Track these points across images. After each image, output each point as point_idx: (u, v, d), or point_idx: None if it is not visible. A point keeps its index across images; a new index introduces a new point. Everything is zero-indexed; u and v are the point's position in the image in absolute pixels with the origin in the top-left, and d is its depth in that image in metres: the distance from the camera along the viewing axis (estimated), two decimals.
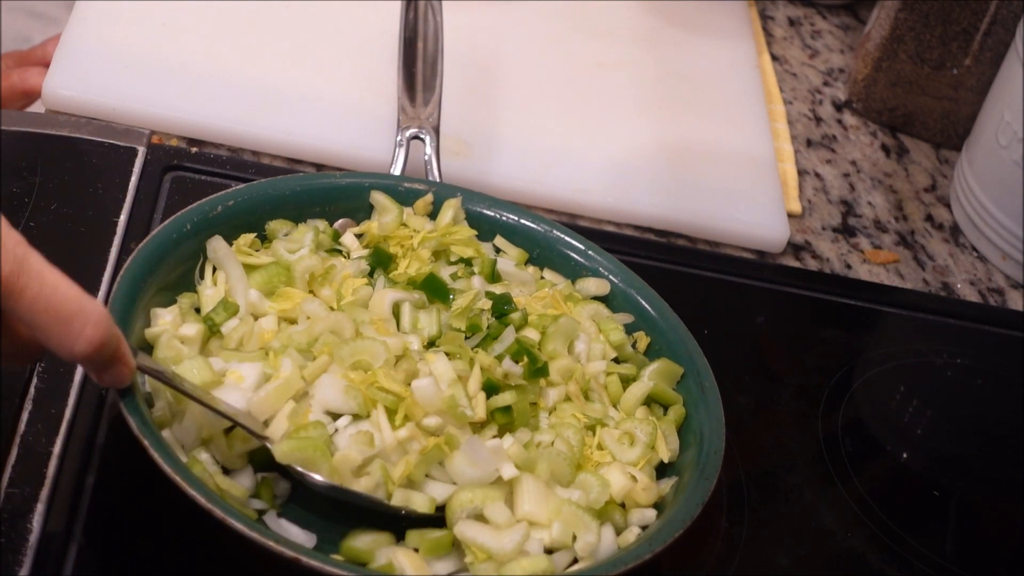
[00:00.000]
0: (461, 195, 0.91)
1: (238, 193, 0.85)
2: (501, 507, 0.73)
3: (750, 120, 1.19)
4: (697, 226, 1.07)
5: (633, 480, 0.77)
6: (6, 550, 0.70)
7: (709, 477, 0.77)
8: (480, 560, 0.72)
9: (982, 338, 1.06)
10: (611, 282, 0.90)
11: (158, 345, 0.77)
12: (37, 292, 0.62)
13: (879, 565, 0.86)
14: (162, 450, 0.69)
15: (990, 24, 1.17)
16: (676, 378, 0.85)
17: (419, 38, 1.03)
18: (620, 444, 0.80)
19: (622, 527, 0.77)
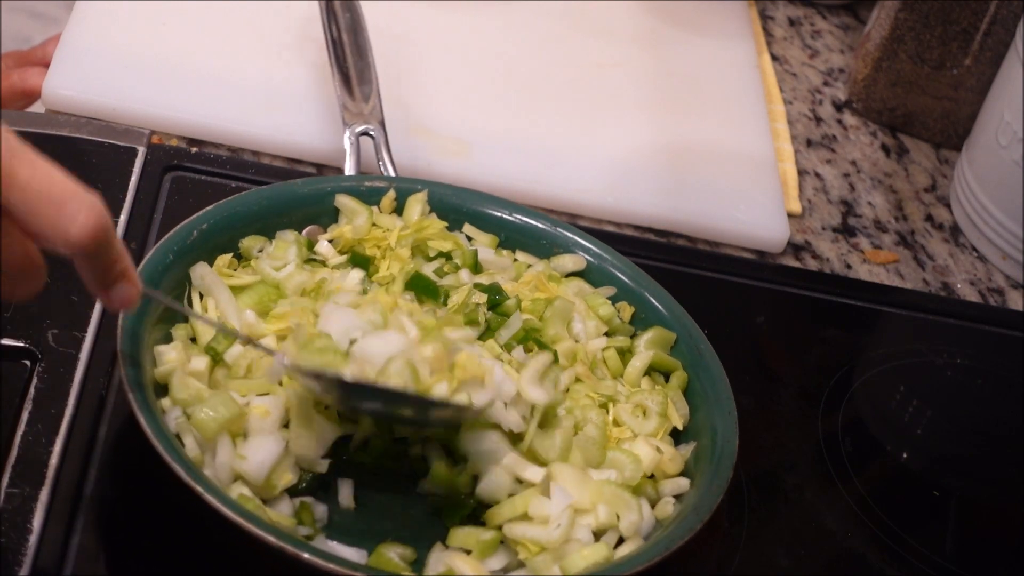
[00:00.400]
0: (424, 187, 0.91)
1: (208, 215, 0.84)
2: (543, 502, 0.74)
3: (750, 120, 1.19)
4: (697, 226, 1.07)
5: (659, 452, 0.79)
6: (6, 550, 0.70)
7: (730, 439, 0.80)
8: (534, 554, 0.72)
9: (982, 338, 1.06)
10: (586, 257, 0.91)
11: (172, 387, 0.75)
12: (30, 175, 0.62)
13: (879, 565, 0.86)
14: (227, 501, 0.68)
15: (990, 24, 1.17)
16: (670, 344, 0.86)
17: (342, 32, 1.02)
18: (635, 417, 0.81)
19: (655, 499, 0.78)
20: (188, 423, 0.74)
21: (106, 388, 0.79)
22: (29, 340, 0.80)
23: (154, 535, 0.74)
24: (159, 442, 0.69)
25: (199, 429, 0.73)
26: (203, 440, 0.73)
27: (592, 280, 0.90)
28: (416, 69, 1.12)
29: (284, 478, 0.73)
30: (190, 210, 0.92)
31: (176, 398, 0.75)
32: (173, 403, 0.75)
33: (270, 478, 0.73)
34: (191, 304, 0.81)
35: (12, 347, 0.80)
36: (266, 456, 0.73)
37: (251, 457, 0.73)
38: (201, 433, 0.73)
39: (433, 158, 1.04)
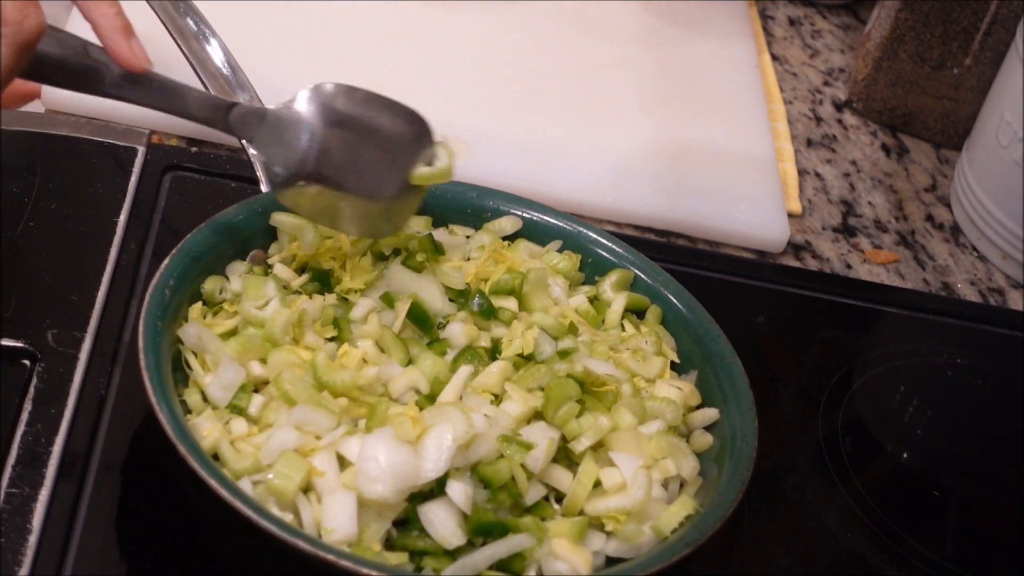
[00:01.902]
0: None
1: (169, 271, 0.78)
2: (611, 472, 0.75)
3: (750, 120, 1.19)
4: (697, 226, 1.07)
5: (680, 389, 0.81)
6: (6, 550, 0.70)
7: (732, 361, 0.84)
8: (623, 523, 0.73)
9: (982, 338, 1.06)
10: (521, 215, 0.91)
11: (226, 459, 0.72)
12: None
13: (879, 565, 0.86)
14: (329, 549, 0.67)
15: (990, 24, 1.17)
16: (630, 281, 0.88)
17: (190, 38, 0.95)
18: (638, 362, 0.82)
19: (686, 434, 0.80)
20: (267, 491, 0.71)
21: (106, 388, 0.79)
22: (29, 340, 0.80)
23: (154, 535, 0.74)
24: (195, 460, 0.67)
25: (278, 495, 0.71)
26: (284, 505, 0.71)
27: (531, 237, 0.91)
28: (416, 69, 1.12)
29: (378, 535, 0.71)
30: (190, 210, 0.93)
31: (235, 469, 0.72)
32: (235, 476, 0.72)
33: (363, 534, 0.71)
34: (189, 365, 0.77)
35: (12, 347, 0.80)
36: (345, 513, 0.71)
37: (334, 524, 0.70)
38: (281, 499, 0.71)
39: None
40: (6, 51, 0.71)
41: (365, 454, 0.71)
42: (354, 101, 0.82)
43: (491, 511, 0.72)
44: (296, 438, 0.73)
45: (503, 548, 0.71)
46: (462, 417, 0.73)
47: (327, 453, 0.72)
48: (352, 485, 0.71)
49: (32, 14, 0.71)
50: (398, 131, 0.82)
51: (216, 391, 0.75)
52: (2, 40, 0.70)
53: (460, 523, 0.71)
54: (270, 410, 0.75)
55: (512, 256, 0.87)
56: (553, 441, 0.74)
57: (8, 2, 0.70)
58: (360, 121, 0.82)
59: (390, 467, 0.70)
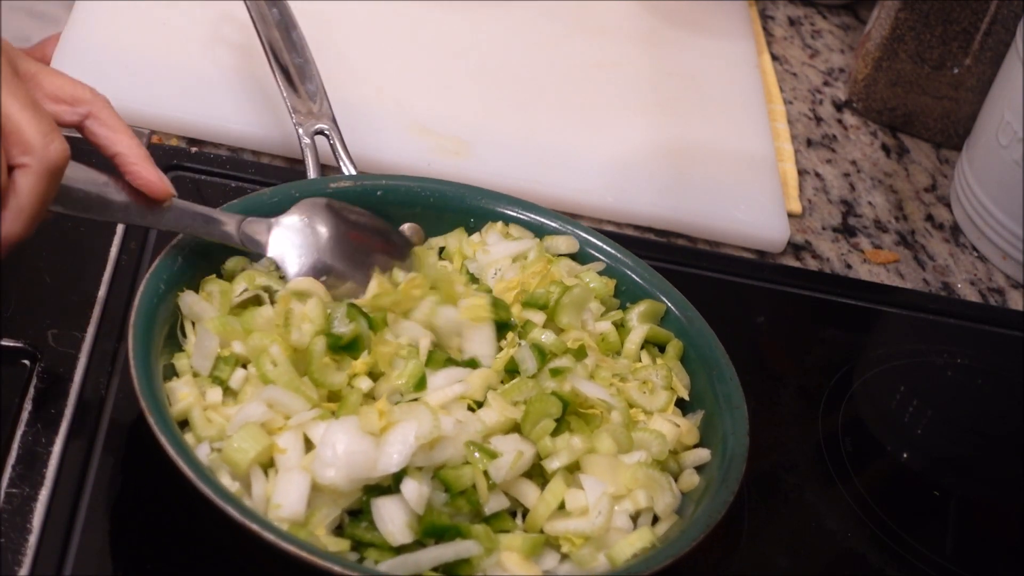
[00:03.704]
0: (385, 181, 0.91)
1: (187, 240, 0.80)
2: (576, 494, 0.74)
3: (750, 120, 1.19)
4: (697, 226, 1.07)
5: (676, 426, 0.80)
6: (6, 550, 0.70)
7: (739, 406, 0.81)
8: (578, 546, 0.72)
9: (982, 338, 1.06)
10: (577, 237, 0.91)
11: (194, 424, 0.74)
12: None
13: (879, 565, 0.86)
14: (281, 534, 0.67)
15: (990, 24, 1.17)
16: (660, 315, 0.87)
17: (274, 29, 0.99)
18: (643, 394, 0.82)
19: (677, 472, 0.79)
20: (220, 459, 0.72)
21: (106, 388, 0.79)
22: (29, 340, 0.80)
23: (154, 535, 0.74)
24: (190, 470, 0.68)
25: (233, 465, 0.71)
26: (237, 475, 0.72)
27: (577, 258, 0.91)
28: (416, 69, 1.12)
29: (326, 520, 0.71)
30: None
31: (201, 435, 0.73)
32: (198, 440, 0.73)
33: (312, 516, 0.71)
34: (184, 333, 0.79)
35: (12, 347, 0.80)
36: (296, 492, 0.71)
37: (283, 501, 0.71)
38: (235, 469, 0.71)
39: (433, 158, 1.04)
40: (35, 181, 0.69)
41: (325, 439, 0.72)
42: (344, 212, 0.87)
43: (446, 514, 0.71)
44: (263, 413, 0.73)
45: (449, 552, 0.71)
46: (429, 416, 0.73)
47: (294, 433, 0.73)
48: (310, 468, 0.71)
49: (56, 140, 0.69)
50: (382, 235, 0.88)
51: (197, 360, 0.77)
52: (30, 169, 0.68)
53: (410, 522, 0.71)
54: (250, 385, 0.76)
55: (556, 273, 0.87)
56: (521, 454, 0.73)
57: (31, 128, 0.68)
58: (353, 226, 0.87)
59: (346, 455, 0.71)
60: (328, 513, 0.71)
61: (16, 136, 0.68)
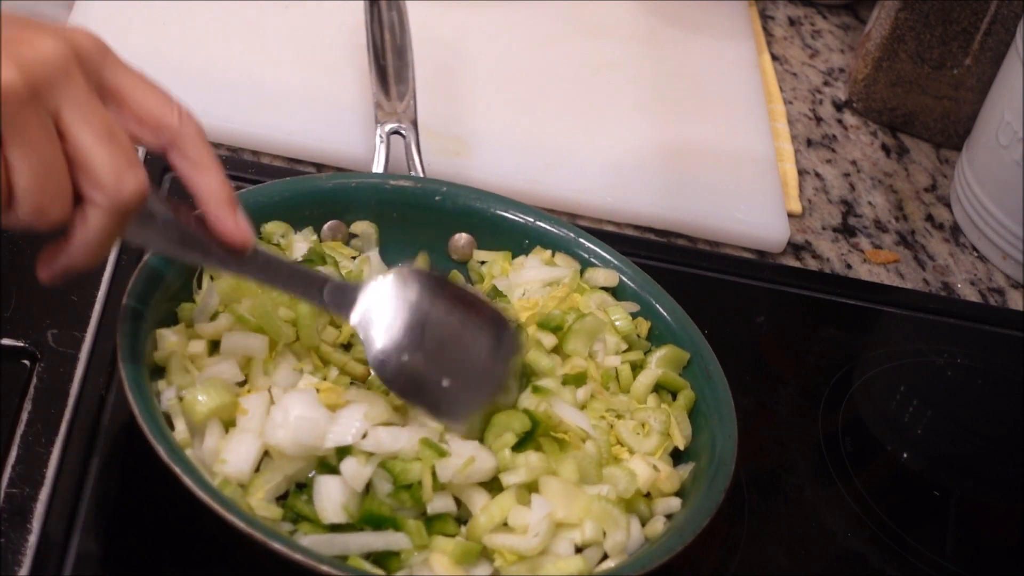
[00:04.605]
0: (446, 188, 0.91)
1: None
2: (523, 511, 0.73)
3: (750, 120, 1.19)
4: (697, 226, 1.07)
5: (656, 470, 0.78)
6: (6, 550, 0.70)
7: (727, 462, 0.78)
8: (510, 562, 0.72)
9: (982, 338, 1.06)
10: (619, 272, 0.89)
11: (170, 371, 0.75)
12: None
13: (879, 565, 0.86)
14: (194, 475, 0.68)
15: (990, 24, 1.17)
16: (682, 364, 0.85)
17: (384, 30, 1.02)
18: (635, 435, 0.80)
19: (647, 517, 0.77)
20: (179, 405, 0.74)
21: (106, 388, 0.79)
22: (29, 340, 0.80)
23: (154, 535, 0.74)
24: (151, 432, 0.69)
25: (188, 414, 0.73)
26: (193, 424, 0.73)
27: (615, 294, 0.89)
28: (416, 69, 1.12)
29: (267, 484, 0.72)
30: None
31: (171, 381, 0.75)
32: (168, 385, 0.75)
33: (256, 479, 0.72)
34: (200, 284, 0.81)
35: (12, 347, 0.80)
36: (245, 451, 0.72)
37: (230, 458, 0.72)
38: (190, 417, 0.73)
39: (433, 158, 1.03)
40: (103, 219, 0.63)
41: (282, 404, 0.73)
42: (444, 292, 0.78)
43: (388, 506, 0.72)
44: (235, 374, 0.75)
45: (378, 541, 0.71)
46: (383, 403, 0.74)
47: (261, 397, 0.74)
48: (262, 430, 0.73)
49: (131, 178, 0.63)
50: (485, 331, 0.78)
51: (197, 312, 0.78)
52: (99, 208, 0.63)
53: (348, 504, 0.71)
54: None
55: (576, 299, 0.86)
56: (473, 459, 0.73)
57: (104, 165, 0.62)
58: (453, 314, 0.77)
59: (297, 421, 0.72)
60: (271, 478, 0.72)
61: (87, 171, 0.62)
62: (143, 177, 0.64)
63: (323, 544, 0.70)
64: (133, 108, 0.66)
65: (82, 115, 0.62)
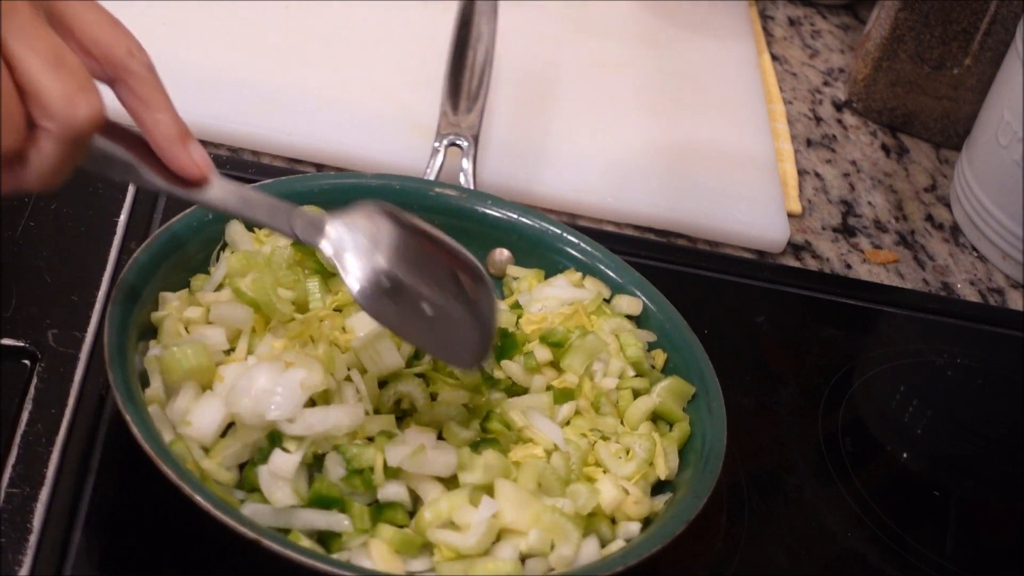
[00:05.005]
0: (491, 201, 0.91)
1: (265, 187, 0.85)
2: (469, 510, 0.72)
3: (750, 120, 1.19)
4: (697, 226, 1.07)
5: (625, 493, 0.76)
6: (6, 550, 0.70)
7: (699, 496, 0.75)
8: (447, 558, 0.71)
9: (982, 338, 1.06)
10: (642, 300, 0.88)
11: (161, 330, 0.77)
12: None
13: (879, 565, 0.86)
14: (143, 425, 0.69)
15: (990, 24, 1.17)
16: (687, 398, 0.83)
17: (470, 46, 1.03)
18: (617, 458, 0.78)
19: (609, 539, 0.76)
20: (157, 361, 0.75)
21: (106, 388, 0.79)
22: (29, 340, 0.80)
23: (154, 535, 0.74)
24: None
25: (165, 371, 0.74)
26: (168, 383, 0.74)
27: (638, 321, 0.88)
28: (416, 69, 1.12)
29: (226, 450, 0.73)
30: None
31: (160, 340, 0.76)
32: (157, 343, 0.76)
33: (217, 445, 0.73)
34: (218, 258, 0.82)
35: (12, 347, 0.80)
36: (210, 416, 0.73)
37: (195, 420, 0.73)
38: (166, 375, 0.74)
39: None
40: (56, 147, 0.61)
41: (251, 373, 0.73)
42: (412, 222, 0.76)
43: (338, 489, 0.72)
44: (221, 341, 0.76)
45: (320, 520, 0.71)
46: (320, 371, 0.73)
47: (240, 366, 0.75)
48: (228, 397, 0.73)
49: (82, 104, 0.61)
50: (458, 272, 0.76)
51: (207, 284, 0.80)
52: (51, 134, 0.61)
53: (294, 481, 0.72)
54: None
55: (592, 321, 0.85)
56: (423, 447, 0.73)
57: (53, 91, 0.60)
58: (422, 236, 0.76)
59: (258, 392, 0.72)
60: (232, 445, 0.73)
61: (37, 99, 0.60)
62: (96, 102, 0.62)
63: (267, 515, 0.71)
64: (80, 37, 0.64)
65: (27, 42, 0.60)
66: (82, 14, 0.64)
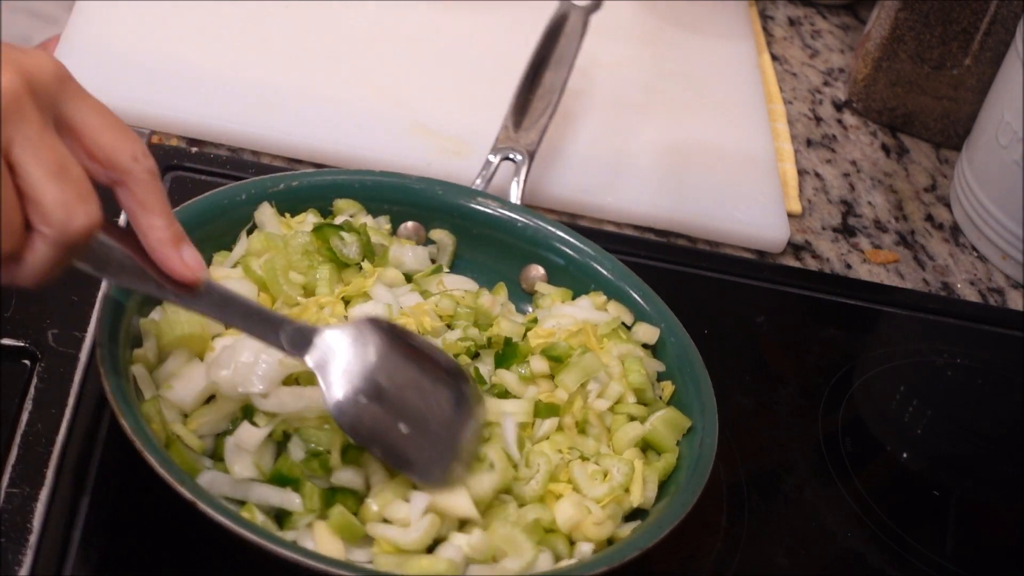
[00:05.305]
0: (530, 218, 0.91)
1: (304, 176, 0.88)
2: (403, 507, 0.73)
3: (750, 120, 1.19)
4: (697, 226, 1.07)
5: (587, 513, 0.75)
6: (6, 550, 0.70)
7: (662, 527, 0.74)
8: (384, 551, 0.71)
9: (982, 338, 1.06)
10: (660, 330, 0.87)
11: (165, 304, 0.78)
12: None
13: (879, 565, 0.86)
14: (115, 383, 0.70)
15: (990, 24, 1.17)
16: (682, 431, 0.81)
17: (549, 67, 1.03)
18: (592, 479, 0.77)
19: (564, 557, 0.74)
20: (151, 324, 0.76)
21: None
22: (29, 340, 0.80)
23: (154, 535, 0.74)
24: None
25: (158, 335, 0.75)
26: (160, 347, 0.75)
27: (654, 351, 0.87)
28: (416, 69, 1.12)
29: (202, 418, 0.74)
30: None
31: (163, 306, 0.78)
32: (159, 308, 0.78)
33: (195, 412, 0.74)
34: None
35: (12, 347, 0.80)
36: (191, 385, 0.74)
37: (177, 385, 0.74)
38: (159, 339, 0.75)
39: (433, 158, 1.04)
40: (50, 251, 0.62)
41: (237, 345, 0.74)
42: (402, 342, 0.76)
43: (298, 468, 0.72)
44: None
45: (275, 496, 0.72)
46: None
47: (233, 339, 0.76)
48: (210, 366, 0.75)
49: (79, 213, 0.62)
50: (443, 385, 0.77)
51: (227, 260, 0.83)
52: (46, 239, 0.62)
53: (257, 455, 0.72)
54: None
55: (600, 343, 0.84)
56: None
57: (52, 199, 0.61)
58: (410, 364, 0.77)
59: (238, 365, 0.73)
60: (207, 413, 0.74)
61: (36, 206, 0.61)
62: (94, 212, 0.63)
63: (224, 485, 0.72)
64: (86, 142, 0.66)
65: (33, 150, 0.61)
66: (89, 119, 0.66)
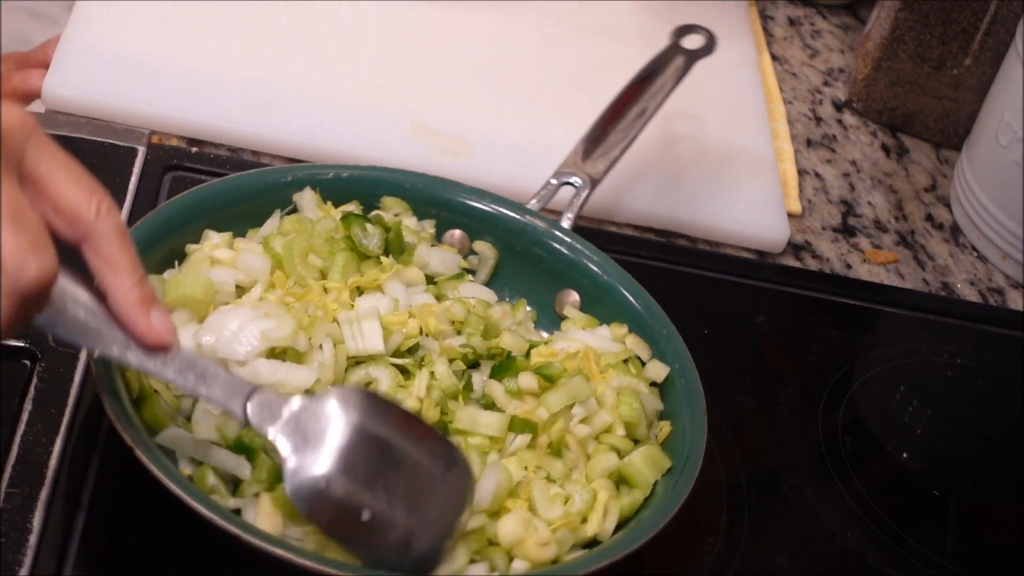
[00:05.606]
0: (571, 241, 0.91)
1: (354, 168, 0.90)
2: None
3: (750, 120, 1.19)
4: (697, 226, 1.07)
5: (534, 531, 0.73)
6: (6, 550, 0.70)
7: (603, 557, 0.72)
8: (312, 531, 0.71)
9: (982, 338, 1.06)
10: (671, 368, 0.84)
11: (188, 260, 0.80)
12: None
13: (879, 565, 0.86)
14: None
15: (990, 24, 1.17)
16: (662, 470, 0.78)
17: (640, 100, 1.00)
18: (551, 500, 0.75)
19: (503, 568, 0.73)
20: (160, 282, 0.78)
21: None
22: (29, 340, 0.80)
23: (154, 535, 0.74)
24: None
25: (163, 292, 0.76)
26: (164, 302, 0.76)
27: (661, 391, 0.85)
28: (416, 69, 1.12)
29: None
30: None
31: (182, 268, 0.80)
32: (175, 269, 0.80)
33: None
34: None
35: (12, 347, 0.80)
36: (237, 326, 0.75)
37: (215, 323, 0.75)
38: (163, 296, 0.76)
39: (433, 158, 1.04)
40: (3, 303, 0.59)
41: (228, 313, 0.76)
42: (388, 417, 0.73)
43: (259, 441, 0.72)
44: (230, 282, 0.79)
45: (230, 462, 0.73)
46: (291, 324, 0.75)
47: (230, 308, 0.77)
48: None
49: (34, 264, 0.59)
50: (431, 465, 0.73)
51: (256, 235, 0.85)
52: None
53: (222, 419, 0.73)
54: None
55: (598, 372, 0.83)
56: None
57: (7, 244, 0.59)
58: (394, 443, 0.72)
59: (227, 332, 0.74)
60: None
61: None
62: (48, 264, 0.60)
63: (186, 443, 0.73)
64: (49, 196, 0.63)
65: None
66: (54, 171, 0.63)
